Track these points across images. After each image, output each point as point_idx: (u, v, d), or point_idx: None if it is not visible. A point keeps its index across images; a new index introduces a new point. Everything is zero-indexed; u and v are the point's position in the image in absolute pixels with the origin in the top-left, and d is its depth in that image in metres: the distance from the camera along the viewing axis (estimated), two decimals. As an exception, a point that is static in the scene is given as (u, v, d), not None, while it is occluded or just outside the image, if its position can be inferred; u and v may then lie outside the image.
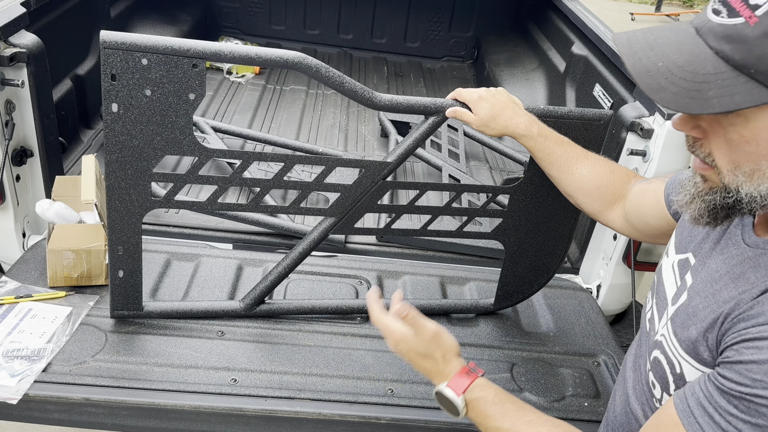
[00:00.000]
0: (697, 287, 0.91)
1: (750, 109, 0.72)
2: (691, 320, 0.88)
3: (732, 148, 0.76)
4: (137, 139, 1.36)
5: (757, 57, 0.69)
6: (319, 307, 1.68)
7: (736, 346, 0.78)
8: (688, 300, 0.91)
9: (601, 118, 1.52)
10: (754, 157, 0.75)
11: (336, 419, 1.43)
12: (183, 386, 1.42)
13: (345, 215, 1.55)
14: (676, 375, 0.91)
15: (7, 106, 1.75)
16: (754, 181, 0.76)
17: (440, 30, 3.79)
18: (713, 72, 0.72)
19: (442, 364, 1.07)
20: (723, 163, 0.78)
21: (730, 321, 0.81)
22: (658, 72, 0.75)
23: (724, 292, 0.85)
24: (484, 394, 1.02)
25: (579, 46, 2.63)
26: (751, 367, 0.74)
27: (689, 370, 0.88)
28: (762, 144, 0.74)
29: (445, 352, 1.08)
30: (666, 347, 0.93)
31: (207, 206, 1.51)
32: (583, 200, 1.37)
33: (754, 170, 0.75)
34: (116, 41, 1.27)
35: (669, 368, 0.92)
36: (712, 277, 0.89)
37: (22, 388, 1.36)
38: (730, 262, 0.87)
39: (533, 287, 1.76)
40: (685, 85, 0.73)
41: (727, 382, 0.77)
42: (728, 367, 0.78)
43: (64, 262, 1.62)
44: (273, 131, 2.75)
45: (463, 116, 1.42)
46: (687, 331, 0.88)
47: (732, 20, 0.71)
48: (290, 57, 1.36)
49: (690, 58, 0.74)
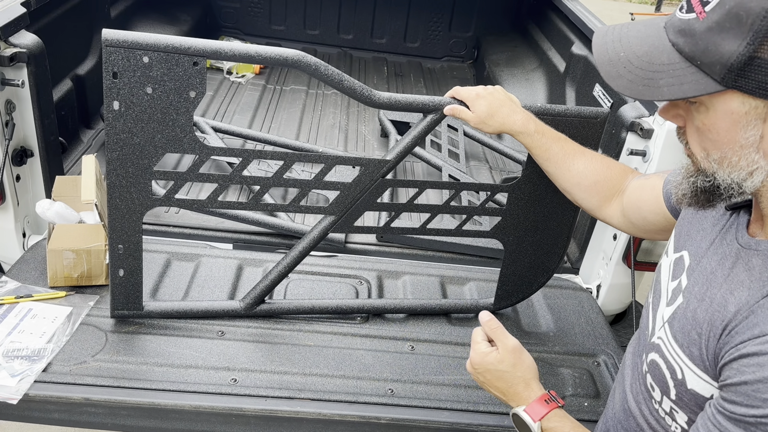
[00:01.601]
0: (693, 290, 0.90)
1: (708, 99, 0.77)
2: (690, 325, 0.88)
3: (700, 136, 0.82)
4: (138, 136, 1.36)
5: (702, 50, 0.75)
6: (319, 307, 1.68)
7: (735, 364, 0.77)
8: (686, 303, 0.91)
9: (597, 115, 1.52)
10: (718, 145, 0.79)
11: (336, 419, 1.42)
12: (183, 386, 1.42)
13: (345, 213, 1.55)
14: (677, 381, 0.90)
15: (7, 106, 1.75)
16: (725, 168, 0.80)
17: (440, 30, 3.79)
18: (667, 62, 0.78)
19: (522, 386, 1.08)
20: (697, 150, 0.83)
21: (728, 332, 0.81)
22: (619, 61, 0.83)
23: (718, 294, 0.85)
24: (560, 424, 1.02)
25: (579, 46, 2.63)
26: (758, 387, 0.73)
27: (692, 378, 0.87)
28: (721, 133, 0.78)
29: (525, 373, 1.09)
30: (665, 351, 0.92)
31: (207, 205, 1.51)
32: (581, 196, 1.37)
33: (722, 158, 0.80)
34: (118, 39, 1.28)
35: (669, 373, 0.91)
36: (707, 277, 0.89)
37: (22, 388, 1.36)
38: (724, 263, 0.87)
39: (533, 286, 1.76)
40: (640, 74, 0.80)
41: (737, 407, 0.76)
42: (733, 390, 0.77)
43: (64, 262, 1.62)
44: (273, 131, 2.75)
45: (460, 114, 1.43)
46: (688, 337, 0.88)
47: (687, 15, 0.77)
48: (290, 55, 1.36)
49: (649, 50, 0.80)
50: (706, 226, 0.96)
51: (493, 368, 1.09)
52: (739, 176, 0.79)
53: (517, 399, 1.08)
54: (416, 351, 1.63)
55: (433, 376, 1.55)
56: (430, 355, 1.62)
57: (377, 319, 1.73)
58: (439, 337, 1.68)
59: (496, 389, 1.11)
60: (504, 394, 1.10)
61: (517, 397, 1.08)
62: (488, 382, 1.11)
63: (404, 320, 1.73)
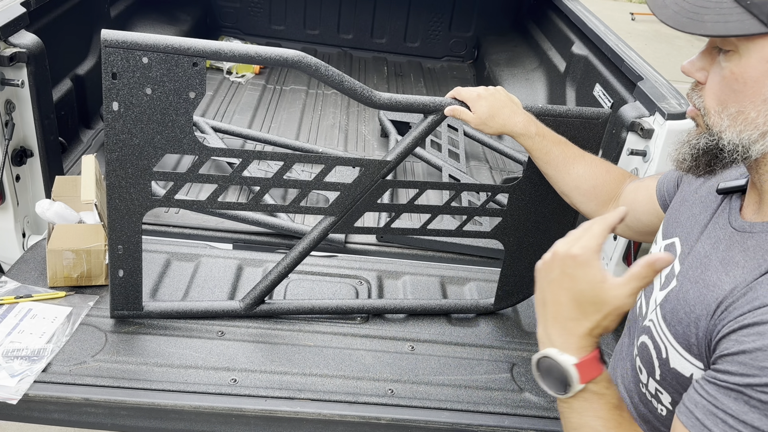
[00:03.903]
0: (688, 273, 0.91)
1: (745, 44, 0.78)
2: (680, 305, 0.88)
3: (723, 87, 0.82)
4: (138, 137, 1.36)
5: None
6: (319, 307, 1.68)
7: (733, 336, 0.77)
8: (679, 286, 0.91)
9: (599, 116, 1.52)
10: (740, 97, 0.80)
11: (336, 419, 1.42)
12: (183, 386, 1.42)
13: (345, 214, 1.55)
14: (662, 360, 0.91)
15: (7, 106, 1.75)
16: (738, 125, 0.80)
17: (440, 30, 3.79)
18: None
19: (584, 330, 0.79)
20: (712, 104, 0.84)
21: (723, 308, 0.80)
22: None
23: (713, 276, 0.85)
24: (609, 392, 0.81)
25: (579, 46, 2.63)
26: (757, 355, 0.73)
27: (674, 357, 0.88)
28: (749, 83, 0.79)
29: (601, 325, 0.80)
30: (654, 332, 0.93)
31: (207, 205, 1.51)
32: (579, 199, 1.38)
33: (739, 112, 0.80)
34: (117, 40, 1.27)
35: (655, 353, 0.92)
36: (701, 261, 0.89)
37: (22, 388, 1.36)
38: (719, 246, 0.88)
39: (533, 286, 1.75)
40: (687, 7, 0.81)
41: (730, 377, 0.75)
42: (729, 360, 0.76)
43: (64, 262, 1.62)
44: (273, 131, 2.75)
45: (461, 114, 1.43)
46: (677, 316, 0.88)
47: None
48: (290, 56, 1.36)
49: None
50: (696, 212, 0.97)
51: (588, 287, 0.79)
52: (750, 137, 0.80)
53: (568, 337, 0.81)
54: (416, 351, 1.63)
55: (433, 376, 1.55)
56: (430, 355, 1.62)
57: (377, 319, 1.73)
58: (439, 337, 1.68)
59: (554, 301, 0.83)
60: (556, 317, 0.82)
61: (570, 335, 0.80)
62: (558, 285, 0.83)
63: (404, 320, 1.73)
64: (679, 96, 1.84)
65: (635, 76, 1.98)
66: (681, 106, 1.76)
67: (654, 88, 1.87)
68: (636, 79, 1.96)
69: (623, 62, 2.09)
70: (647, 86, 1.88)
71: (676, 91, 1.88)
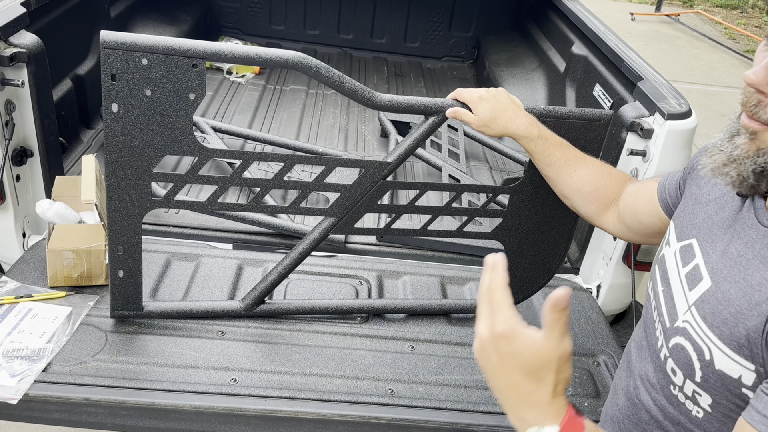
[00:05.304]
0: (723, 272, 0.90)
1: None
2: (723, 306, 0.87)
3: None
4: (137, 139, 1.36)
5: None
6: (319, 307, 1.68)
7: None
8: (716, 286, 0.90)
9: (601, 118, 1.52)
10: None
11: (336, 419, 1.43)
12: (183, 386, 1.42)
13: (345, 215, 1.55)
14: (705, 362, 0.89)
15: (7, 106, 1.75)
16: None
17: (440, 30, 3.79)
18: None
19: (549, 395, 0.74)
20: None
21: None
22: None
23: (756, 275, 0.85)
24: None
25: (579, 46, 2.63)
26: None
27: (720, 358, 0.87)
28: None
29: (560, 381, 0.74)
30: (693, 333, 0.92)
31: (207, 206, 1.51)
32: (580, 203, 1.37)
33: None
34: (116, 41, 1.27)
35: (696, 355, 0.91)
36: (737, 261, 0.89)
37: (22, 388, 1.36)
38: (754, 245, 0.87)
39: (533, 287, 1.76)
40: None
41: None
42: None
43: (64, 262, 1.62)
44: (273, 131, 2.75)
45: (463, 116, 1.43)
46: (719, 317, 0.87)
47: None
48: (290, 57, 1.36)
49: None
50: (711, 213, 0.97)
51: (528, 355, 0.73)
52: None
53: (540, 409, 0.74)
54: (416, 351, 1.63)
55: (433, 376, 1.56)
56: (430, 355, 1.62)
57: (377, 319, 1.73)
58: (439, 337, 1.69)
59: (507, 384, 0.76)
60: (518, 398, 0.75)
61: (540, 407, 0.74)
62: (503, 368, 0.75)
63: (404, 320, 1.73)
64: (679, 96, 1.84)
65: (635, 76, 1.98)
66: (681, 106, 1.76)
67: (654, 88, 1.87)
68: (636, 79, 1.96)
69: (623, 62, 2.09)
70: (647, 86, 1.88)
71: (676, 91, 1.88)
